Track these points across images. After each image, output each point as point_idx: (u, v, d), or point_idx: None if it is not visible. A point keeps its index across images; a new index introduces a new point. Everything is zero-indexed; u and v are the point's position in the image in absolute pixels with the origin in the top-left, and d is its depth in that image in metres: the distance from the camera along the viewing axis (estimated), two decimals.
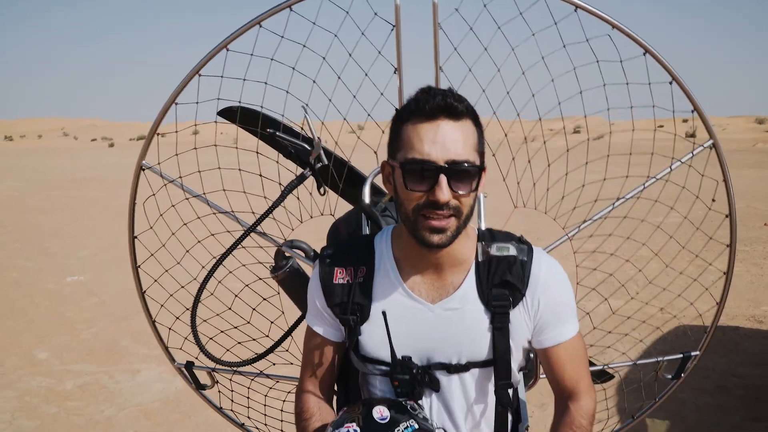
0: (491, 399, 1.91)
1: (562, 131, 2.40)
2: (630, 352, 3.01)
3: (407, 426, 1.68)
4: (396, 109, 2.33)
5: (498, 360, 1.84)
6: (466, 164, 1.63)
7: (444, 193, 1.62)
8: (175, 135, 2.51)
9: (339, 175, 2.54)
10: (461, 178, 1.64)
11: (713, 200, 2.59)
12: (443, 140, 1.63)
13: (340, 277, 1.88)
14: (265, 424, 3.08)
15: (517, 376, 2.03)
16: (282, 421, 3.05)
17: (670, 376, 2.98)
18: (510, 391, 1.89)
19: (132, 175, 2.56)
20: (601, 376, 3.04)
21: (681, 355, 2.92)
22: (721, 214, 2.58)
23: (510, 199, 2.39)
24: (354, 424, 1.68)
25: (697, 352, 2.94)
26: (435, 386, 1.87)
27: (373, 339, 1.86)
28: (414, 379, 1.84)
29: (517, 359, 1.90)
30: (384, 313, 1.80)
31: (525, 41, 2.35)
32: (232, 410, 3.10)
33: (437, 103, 1.64)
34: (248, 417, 3.08)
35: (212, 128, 2.56)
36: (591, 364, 2.69)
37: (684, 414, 4.89)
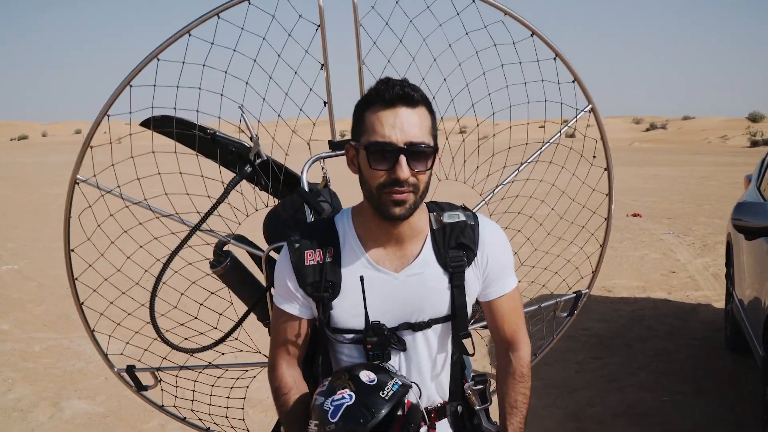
0: (449, 350, 2.17)
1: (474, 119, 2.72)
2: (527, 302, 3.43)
3: (393, 384, 1.87)
4: (326, 101, 2.55)
5: (457, 314, 2.09)
6: (422, 145, 1.87)
7: (404, 171, 1.85)
8: (108, 146, 2.58)
9: (275, 175, 2.68)
10: (418, 157, 1.87)
11: (594, 156, 3.01)
12: (402, 125, 1.85)
13: (310, 259, 2.04)
14: (209, 414, 3.20)
15: (470, 333, 2.32)
16: (228, 407, 3.18)
17: (565, 314, 3.42)
18: (466, 340, 2.17)
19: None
20: None
21: (574, 294, 3.36)
22: (601, 167, 3.01)
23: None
24: (347, 389, 1.84)
25: (587, 290, 3.39)
26: (402, 345, 2.09)
27: (344, 311, 2.04)
28: (384, 340, 2.04)
29: (469, 313, 2.18)
30: (361, 278, 2.00)
31: (432, 33, 2.63)
32: (174, 406, 3.19)
33: (396, 93, 1.86)
34: (191, 410, 3.18)
35: (142, 140, 2.65)
36: None
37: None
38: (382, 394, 1.84)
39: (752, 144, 52.02)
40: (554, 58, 2.83)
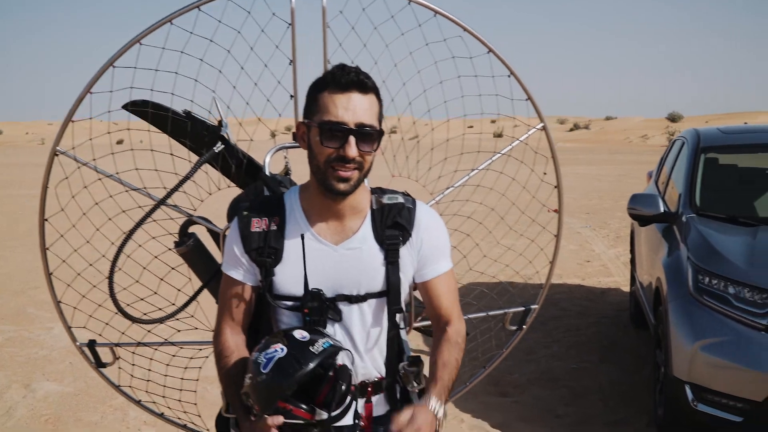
0: (384, 326, 2.30)
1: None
2: (476, 308, 3.57)
3: (324, 341, 2.01)
4: (292, 95, 2.76)
5: (391, 290, 2.24)
6: (370, 128, 2.07)
7: (353, 149, 2.04)
8: (88, 122, 2.78)
9: (239, 160, 2.87)
10: (366, 139, 2.07)
11: (545, 173, 3.21)
12: (354, 108, 2.05)
13: (256, 226, 2.20)
14: (164, 396, 3.32)
15: (403, 309, 2.46)
16: (181, 390, 3.30)
17: (514, 327, 3.54)
18: (399, 316, 2.32)
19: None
20: None
21: (523, 308, 3.49)
22: (550, 184, 3.22)
23: (387, 169, 2.88)
24: (280, 344, 1.98)
25: (536, 305, 3.53)
26: (338, 315, 2.24)
27: (285, 278, 2.20)
28: (322, 306, 2.19)
29: (404, 291, 2.32)
30: (303, 236, 2.16)
31: (394, 41, 2.87)
32: (130, 387, 3.31)
33: (351, 79, 2.06)
34: (146, 391, 3.30)
35: (119, 122, 2.85)
36: None
37: None
38: (312, 348, 1.97)
39: None
40: (509, 76, 3.05)
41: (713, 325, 4.25)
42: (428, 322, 3.10)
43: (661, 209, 5.45)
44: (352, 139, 2.03)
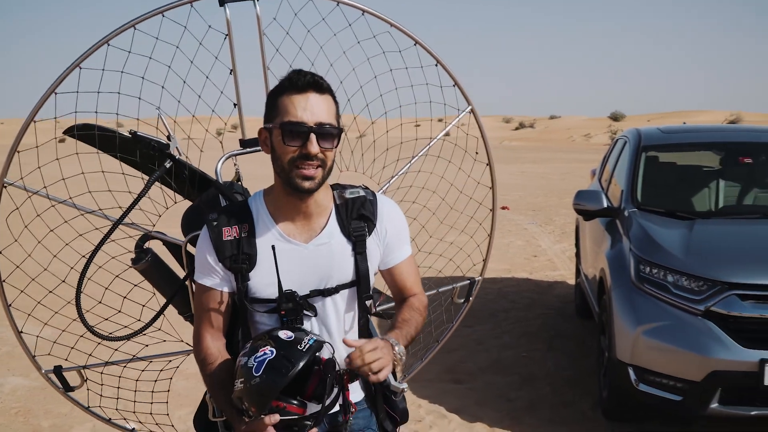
0: (356, 312, 2.44)
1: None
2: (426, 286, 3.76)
3: (309, 338, 2.11)
4: (235, 103, 2.84)
5: (361, 279, 2.38)
6: (330, 126, 2.19)
7: (314, 146, 2.15)
8: (34, 150, 2.78)
9: (191, 172, 2.92)
10: (326, 136, 2.18)
11: (476, 153, 3.40)
12: (312, 108, 2.16)
13: (228, 234, 2.28)
14: (134, 412, 3.35)
15: (372, 295, 2.59)
16: (152, 403, 3.34)
17: (462, 300, 3.76)
18: (369, 302, 2.46)
19: None
20: None
21: (468, 281, 3.70)
22: (482, 162, 3.42)
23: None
24: (267, 346, 2.06)
25: (480, 277, 3.75)
26: (314, 311, 2.35)
27: (261, 281, 2.29)
28: (297, 306, 2.29)
29: (372, 279, 2.47)
30: (273, 247, 2.25)
31: (328, 41, 2.99)
32: (100, 407, 3.32)
33: (307, 80, 2.18)
34: (116, 409, 3.32)
35: (67, 143, 2.87)
36: None
37: None
38: (300, 347, 2.06)
39: None
40: (436, 65, 3.23)
41: (654, 311, 4.63)
42: (386, 305, 3.27)
43: (605, 204, 5.83)
44: (313, 137, 2.14)
